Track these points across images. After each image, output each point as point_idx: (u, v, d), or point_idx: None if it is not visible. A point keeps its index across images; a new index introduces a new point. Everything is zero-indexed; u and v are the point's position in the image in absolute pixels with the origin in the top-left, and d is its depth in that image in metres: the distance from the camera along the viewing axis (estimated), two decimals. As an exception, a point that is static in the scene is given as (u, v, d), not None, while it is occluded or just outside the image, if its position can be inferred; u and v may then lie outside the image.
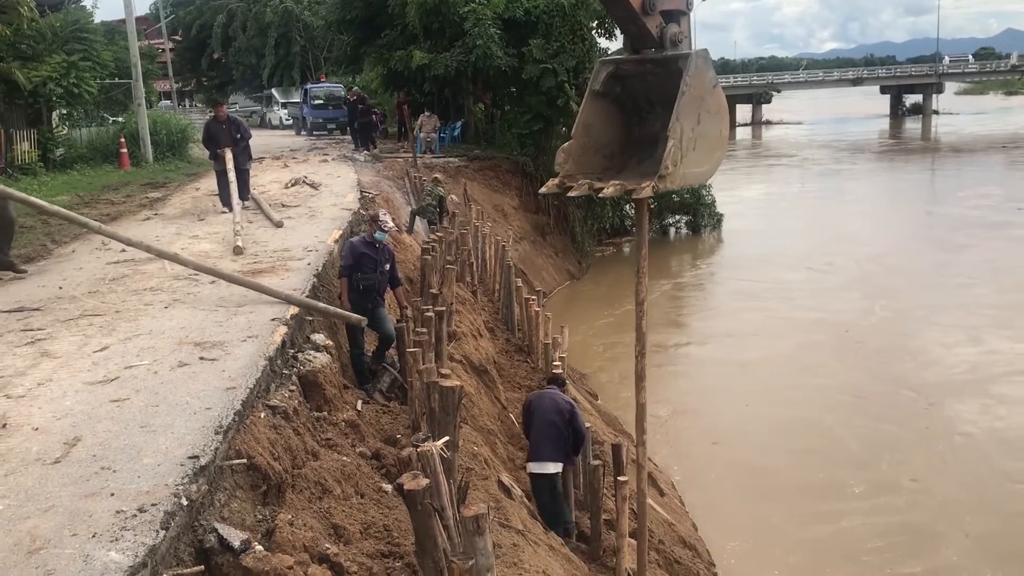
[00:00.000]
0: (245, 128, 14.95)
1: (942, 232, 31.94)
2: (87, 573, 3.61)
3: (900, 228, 33.64)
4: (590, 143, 6.74)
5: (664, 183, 6.03)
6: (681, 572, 9.14)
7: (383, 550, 5.64)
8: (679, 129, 6.00)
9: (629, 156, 7.02)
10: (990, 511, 12.08)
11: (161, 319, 7.66)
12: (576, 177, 6.61)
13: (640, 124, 7.00)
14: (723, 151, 6.83)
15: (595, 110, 6.73)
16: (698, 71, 6.14)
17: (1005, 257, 27.10)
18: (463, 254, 15.34)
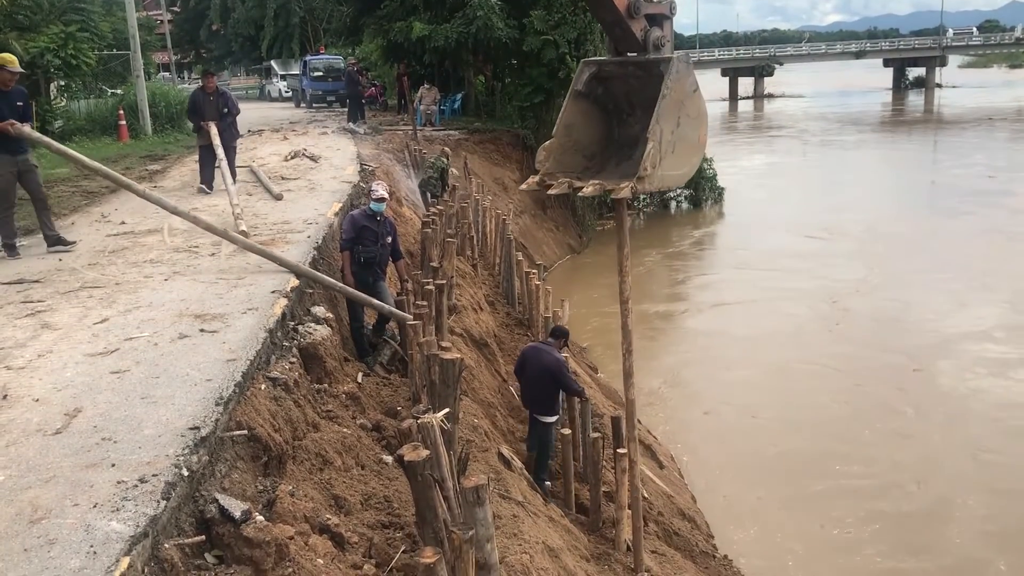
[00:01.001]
0: (233, 103, 14.14)
1: (940, 201, 32.69)
2: (88, 542, 3.62)
3: (899, 197, 34.11)
4: (570, 143, 6.80)
5: (643, 184, 6.10)
6: (680, 543, 9.20)
7: (384, 521, 5.67)
8: (659, 132, 6.06)
9: (608, 157, 7.08)
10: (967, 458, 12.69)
11: (161, 291, 7.65)
12: (556, 175, 6.66)
13: (620, 126, 7.06)
14: (701, 155, 6.90)
15: (577, 110, 6.79)
16: (679, 75, 6.20)
17: (998, 223, 27.84)
18: (463, 227, 15.31)
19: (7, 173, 9.18)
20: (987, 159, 41.86)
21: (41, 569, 3.47)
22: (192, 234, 10.14)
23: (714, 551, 9.77)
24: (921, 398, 14.99)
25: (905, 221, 29.31)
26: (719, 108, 77.10)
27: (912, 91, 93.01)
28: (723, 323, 19.58)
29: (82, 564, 3.48)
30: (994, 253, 24.39)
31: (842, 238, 26.90)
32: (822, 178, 39.20)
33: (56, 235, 9.51)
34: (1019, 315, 19.39)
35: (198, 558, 4.10)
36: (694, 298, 22.15)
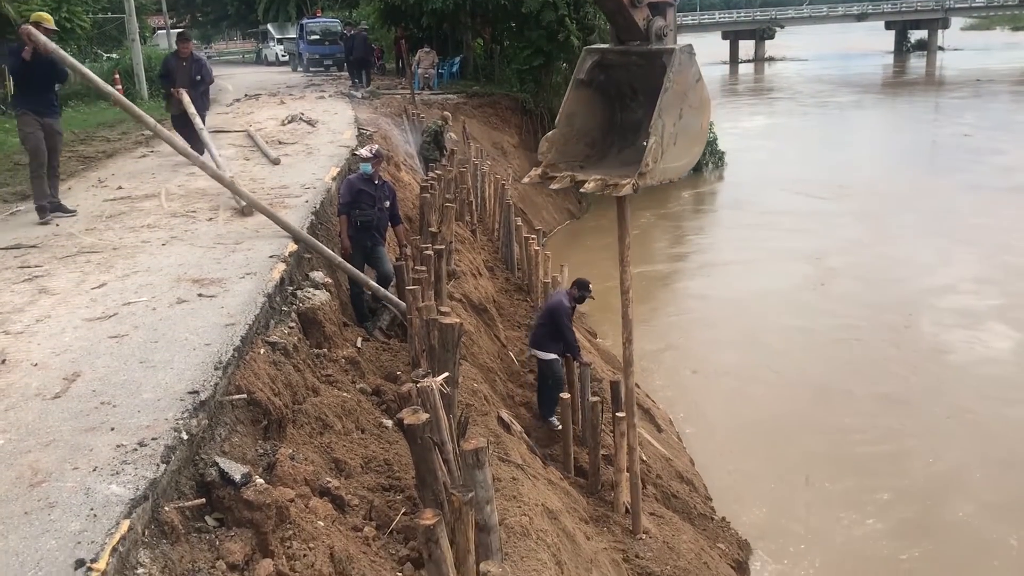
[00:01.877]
0: (208, 71, 13.62)
1: (935, 159, 33.41)
2: (88, 505, 3.63)
3: (897, 156, 34.33)
4: (572, 132, 6.79)
5: (644, 180, 6.09)
6: (678, 506, 9.26)
7: (384, 483, 5.70)
8: (661, 126, 6.04)
9: (610, 144, 7.05)
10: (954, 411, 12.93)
11: (159, 256, 7.62)
12: (559, 167, 6.66)
13: (623, 111, 7.02)
14: (702, 144, 6.88)
15: (579, 99, 6.76)
16: (682, 67, 6.16)
17: (988, 180, 28.46)
18: (462, 193, 15.24)
19: (36, 131, 9.20)
20: (979, 119, 42.24)
21: (42, 532, 3.48)
22: (189, 199, 10.10)
23: (712, 513, 9.83)
24: (913, 356, 15.16)
25: (901, 179, 29.63)
26: (719, 71, 76.59)
27: (914, 54, 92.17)
28: (720, 284, 19.66)
29: (82, 527, 3.49)
30: (983, 208, 24.91)
31: (840, 197, 27.09)
32: (821, 139, 39.36)
33: (57, 201, 9.45)
34: (998, 269, 19.82)
35: (198, 521, 4.11)
36: (691, 259, 22.22)
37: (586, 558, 6.36)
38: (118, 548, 3.42)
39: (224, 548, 4.00)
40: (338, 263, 8.40)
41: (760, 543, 9.83)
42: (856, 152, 35.08)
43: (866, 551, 9.87)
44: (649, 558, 7.49)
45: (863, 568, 9.61)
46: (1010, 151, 33.15)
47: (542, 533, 5.61)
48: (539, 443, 8.98)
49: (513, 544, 5.32)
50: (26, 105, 9.23)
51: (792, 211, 25.57)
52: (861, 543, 10.01)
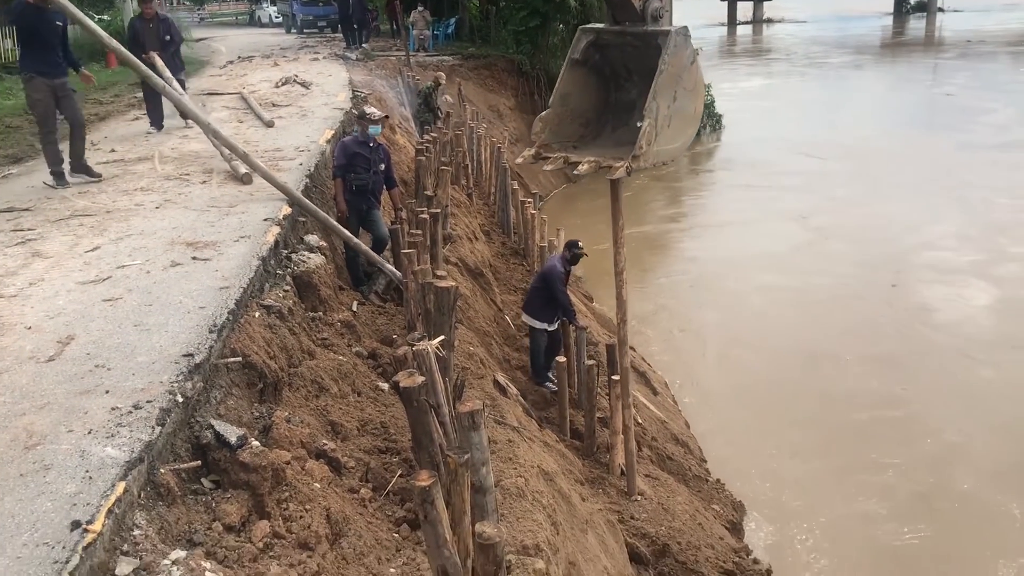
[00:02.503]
0: (176, 31, 12.92)
1: (931, 119, 33.46)
2: (84, 468, 3.63)
3: (893, 116, 34.53)
4: (567, 112, 6.77)
5: (637, 162, 6.12)
6: (673, 467, 9.32)
7: (380, 446, 5.71)
8: (655, 108, 6.04)
9: (604, 123, 7.01)
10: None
11: (152, 219, 7.57)
12: (552, 147, 6.62)
13: (617, 91, 6.99)
14: (696, 127, 6.88)
15: (573, 78, 6.74)
16: (676, 49, 6.15)
17: (980, 139, 28.98)
18: (458, 156, 15.16)
19: (44, 97, 8.99)
20: (971, 80, 42.54)
21: (37, 494, 3.48)
22: (183, 162, 10.02)
23: (707, 475, 9.90)
24: (904, 316, 15.32)
25: (896, 138, 29.90)
26: (717, 33, 75.82)
27: (913, 15, 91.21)
28: (713, 245, 19.74)
29: (78, 489, 3.50)
30: (972, 166, 25.35)
31: (836, 157, 27.24)
32: (819, 100, 39.50)
33: (83, 163, 9.28)
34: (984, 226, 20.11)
35: (194, 483, 4.12)
36: (685, 220, 22.25)
37: (581, 519, 6.40)
38: (114, 510, 3.42)
39: (220, 510, 4.02)
40: (333, 227, 8.34)
41: (754, 504, 9.91)
42: (853, 112, 35.24)
43: (860, 513, 9.97)
44: (644, 519, 7.55)
45: (857, 529, 9.70)
46: (999, 110, 33.67)
47: (538, 494, 5.64)
48: (535, 406, 9.01)
49: (509, 505, 5.35)
50: (33, 67, 8.94)
51: (788, 171, 25.66)
52: (855, 505, 10.10)
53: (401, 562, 4.62)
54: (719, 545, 7.88)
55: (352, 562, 4.33)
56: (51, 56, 9.02)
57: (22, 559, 3.11)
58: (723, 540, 8.14)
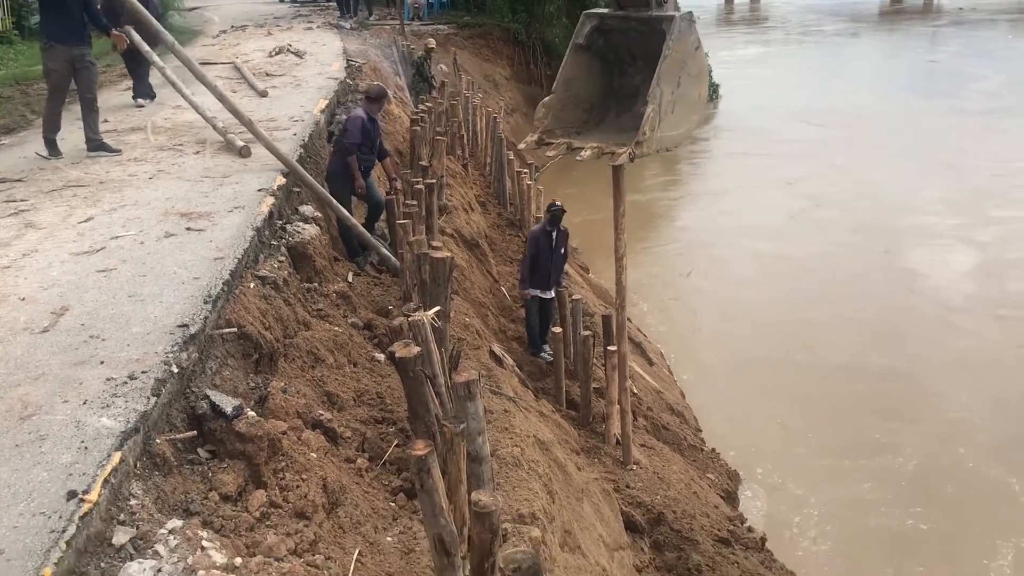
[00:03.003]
0: (155, 2, 12.30)
1: (925, 86, 34.12)
2: (79, 438, 3.63)
3: (889, 83, 34.69)
4: (570, 98, 6.76)
5: (641, 148, 6.13)
6: (668, 437, 9.37)
7: (376, 416, 5.72)
8: (659, 94, 6.01)
9: (608, 108, 6.96)
10: None
11: (146, 190, 7.52)
12: (555, 133, 6.59)
13: (621, 76, 6.95)
14: (700, 113, 6.85)
15: (577, 63, 6.72)
16: (681, 35, 6.14)
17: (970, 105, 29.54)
18: (453, 126, 15.05)
19: (61, 67, 8.75)
20: (964, 47, 42.93)
21: (33, 464, 3.48)
22: (176, 132, 9.94)
23: (702, 444, 9.96)
24: (896, 283, 15.52)
25: (890, 105, 30.24)
26: (715, 2, 75.21)
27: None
28: (708, 213, 19.82)
29: (73, 459, 3.50)
30: (962, 132, 25.78)
31: (831, 124, 27.42)
32: (815, 67, 39.63)
33: (99, 139, 9.10)
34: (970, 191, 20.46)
35: (191, 453, 4.13)
36: (680, 188, 22.31)
37: (577, 488, 6.44)
38: (110, 480, 3.43)
39: (217, 479, 4.03)
40: (330, 203, 8.26)
41: (749, 473, 9.98)
42: (849, 80, 35.38)
43: (854, 483, 10.04)
44: (639, 488, 7.60)
45: (852, 499, 9.78)
46: (990, 76, 34.12)
47: (534, 464, 5.67)
48: (531, 377, 9.03)
49: (505, 474, 5.37)
50: (53, 36, 8.66)
51: (784, 139, 25.78)
52: (850, 475, 10.18)
53: (398, 531, 4.64)
54: (714, 514, 7.94)
55: (349, 531, 4.35)
56: (72, 23, 8.72)
57: (19, 529, 3.12)
58: (718, 509, 8.20)
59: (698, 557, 7.05)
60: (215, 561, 3.37)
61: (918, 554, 9.01)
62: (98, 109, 9.29)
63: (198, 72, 8.80)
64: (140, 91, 12.04)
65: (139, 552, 3.33)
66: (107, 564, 3.23)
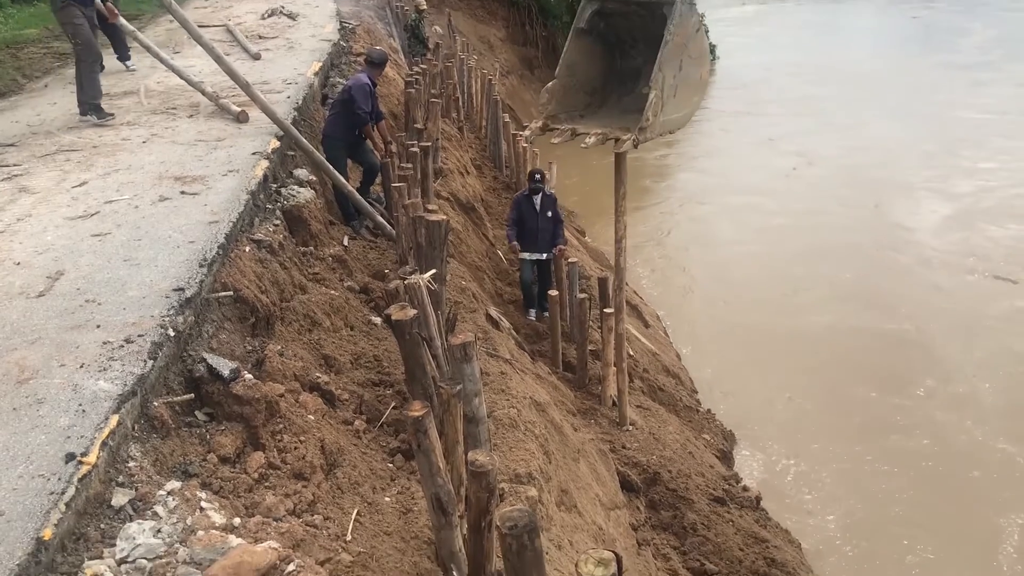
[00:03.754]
0: None
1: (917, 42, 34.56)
2: (77, 401, 3.65)
3: (884, 38, 35.39)
4: (573, 82, 6.82)
5: (644, 134, 6.17)
6: (664, 398, 9.42)
7: (373, 379, 5.74)
8: (661, 79, 6.07)
9: (610, 91, 6.97)
10: None
11: (139, 154, 7.47)
12: (559, 118, 6.62)
13: (623, 58, 6.98)
14: (702, 94, 6.87)
15: (579, 48, 6.78)
16: (682, 19, 6.19)
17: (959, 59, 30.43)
18: (448, 88, 14.94)
19: (85, 22, 8.69)
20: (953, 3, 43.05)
21: (31, 427, 3.50)
22: (169, 96, 9.86)
23: (697, 405, 10.02)
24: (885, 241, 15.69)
25: (883, 61, 30.74)
26: (712, -39, 74.52)
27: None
28: (702, 173, 19.89)
29: (71, 422, 3.52)
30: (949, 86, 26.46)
31: (829, 80, 27.74)
32: (813, 23, 39.66)
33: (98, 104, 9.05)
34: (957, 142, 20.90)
35: (188, 416, 4.15)
36: (674, 148, 22.20)
37: (573, 448, 6.49)
38: (108, 442, 3.45)
39: (215, 442, 4.05)
40: (327, 169, 8.19)
41: (745, 434, 10.06)
42: (844, 37, 35.82)
43: (848, 441, 10.13)
44: (635, 448, 7.66)
45: (845, 456, 9.87)
46: (977, 31, 34.93)
47: (530, 425, 5.70)
48: (527, 340, 9.06)
49: (502, 435, 5.41)
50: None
51: (779, 97, 26.07)
52: (843, 435, 10.26)
53: (396, 491, 4.68)
54: (709, 473, 8.01)
55: (347, 491, 4.39)
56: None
57: (18, 490, 3.15)
58: (713, 468, 8.27)
59: (693, 516, 7.12)
60: (214, 521, 3.40)
61: (912, 510, 9.11)
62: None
63: (195, 33, 8.66)
64: (123, 54, 11.84)
65: (138, 513, 3.36)
66: (107, 525, 3.26)
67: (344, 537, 3.96)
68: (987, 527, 8.92)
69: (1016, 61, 29.15)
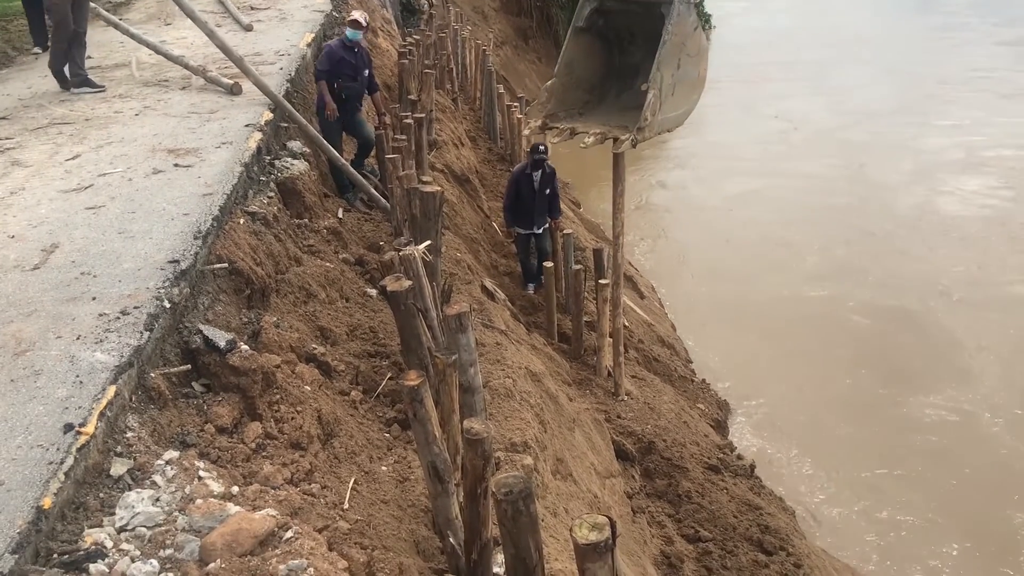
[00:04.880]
0: None
1: None
2: (74, 373, 3.67)
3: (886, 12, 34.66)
4: (572, 80, 6.88)
5: (643, 134, 6.25)
6: (659, 369, 9.47)
7: (370, 350, 5.77)
8: (659, 78, 6.14)
9: (608, 87, 6.98)
10: None
11: (132, 126, 7.44)
12: (559, 116, 6.64)
13: (621, 54, 7.02)
14: (700, 91, 6.93)
15: (577, 45, 6.86)
16: (680, 18, 6.28)
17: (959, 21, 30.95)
18: (442, 59, 14.85)
19: (61, 2, 8.62)
20: None
21: (28, 398, 3.52)
22: (162, 68, 9.78)
23: (692, 376, 10.08)
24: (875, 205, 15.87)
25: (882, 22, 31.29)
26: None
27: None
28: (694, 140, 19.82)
29: (69, 393, 3.54)
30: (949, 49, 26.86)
31: (821, 45, 27.92)
32: None
33: (84, 75, 8.92)
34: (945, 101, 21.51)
35: (185, 387, 4.17)
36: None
37: (569, 418, 6.53)
38: (106, 413, 3.47)
39: (212, 412, 4.07)
40: (320, 144, 8.14)
41: (738, 403, 10.12)
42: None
43: (841, 409, 10.20)
44: (630, 418, 7.71)
45: (838, 423, 9.95)
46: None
47: (525, 394, 5.74)
48: (523, 311, 9.09)
49: (497, 405, 5.45)
50: None
51: (774, 61, 26.37)
52: (836, 403, 10.33)
53: (392, 460, 4.72)
54: (704, 442, 8.07)
55: (344, 460, 4.42)
56: None
57: (17, 460, 3.17)
58: (708, 437, 8.34)
59: (688, 484, 7.19)
60: (212, 490, 3.43)
61: (905, 477, 9.21)
62: (86, 44, 9.14)
63: (186, 8, 8.61)
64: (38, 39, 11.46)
65: (137, 482, 3.39)
66: (106, 494, 3.29)
67: (341, 505, 4.00)
68: (978, 486, 9.04)
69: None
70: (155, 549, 3.05)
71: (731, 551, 6.65)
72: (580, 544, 2.59)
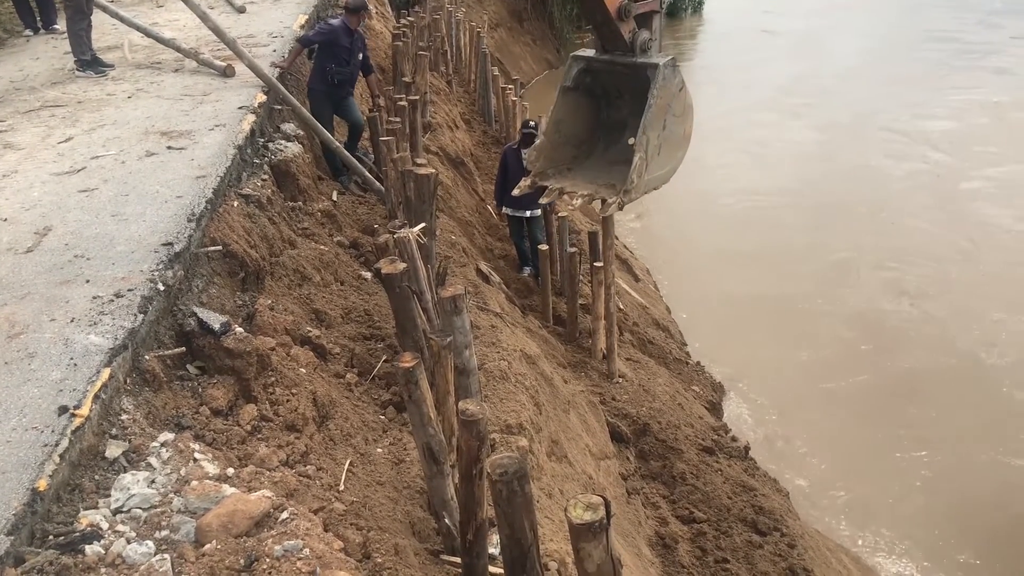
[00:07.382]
0: None
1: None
2: (68, 355, 3.66)
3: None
4: (560, 138, 6.96)
5: (629, 196, 6.30)
6: (654, 351, 9.48)
7: (364, 333, 5.76)
8: (645, 141, 6.28)
9: (596, 141, 7.05)
10: None
11: (125, 109, 7.40)
12: (548, 174, 6.74)
13: (608, 108, 7.13)
14: (686, 148, 7.03)
15: (566, 104, 7.01)
16: (665, 82, 6.29)
17: None
18: (436, 41, 14.78)
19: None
20: None
21: (23, 381, 3.52)
22: (154, 50, 9.72)
23: (687, 358, 10.09)
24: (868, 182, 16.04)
25: None
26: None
27: None
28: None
29: (63, 375, 3.53)
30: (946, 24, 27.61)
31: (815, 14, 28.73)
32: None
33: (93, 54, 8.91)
34: None
35: (180, 369, 4.17)
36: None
37: (564, 400, 6.55)
38: (100, 395, 3.47)
39: (207, 394, 4.07)
40: (315, 128, 8.10)
41: (732, 385, 10.16)
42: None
43: (836, 393, 10.24)
44: (625, 400, 7.73)
45: (833, 405, 9.99)
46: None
47: (521, 377, 5.75)
48: (518, 294, 9.09)
49: (493, 387, 5.46)
50: None
51: (766, 42, 26.57)
52: (831, 385, 10.37)
53: (388, 442, 4.73)
54: (698, 424, 8.10)
55: (339, 442, 4.43)
56: None
57: (12, 443, 3.17)
58: (702, 419, 8.37)
59: (682, 465, 7.22)
60: (208, 472, 3.44)
61: (900, 460, 9.26)
62: (91, 25, 9.09)
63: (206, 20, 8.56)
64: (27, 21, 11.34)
65: (132, 464, 3.39)
66: (101, 476, 3.29)
67: (337, 487, 4.01)
68: (971, 466, 9.10)
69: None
70: (151, 530, 3.06)
71: (725, 532, 6.69)
72: (575, 524, 2.60)
